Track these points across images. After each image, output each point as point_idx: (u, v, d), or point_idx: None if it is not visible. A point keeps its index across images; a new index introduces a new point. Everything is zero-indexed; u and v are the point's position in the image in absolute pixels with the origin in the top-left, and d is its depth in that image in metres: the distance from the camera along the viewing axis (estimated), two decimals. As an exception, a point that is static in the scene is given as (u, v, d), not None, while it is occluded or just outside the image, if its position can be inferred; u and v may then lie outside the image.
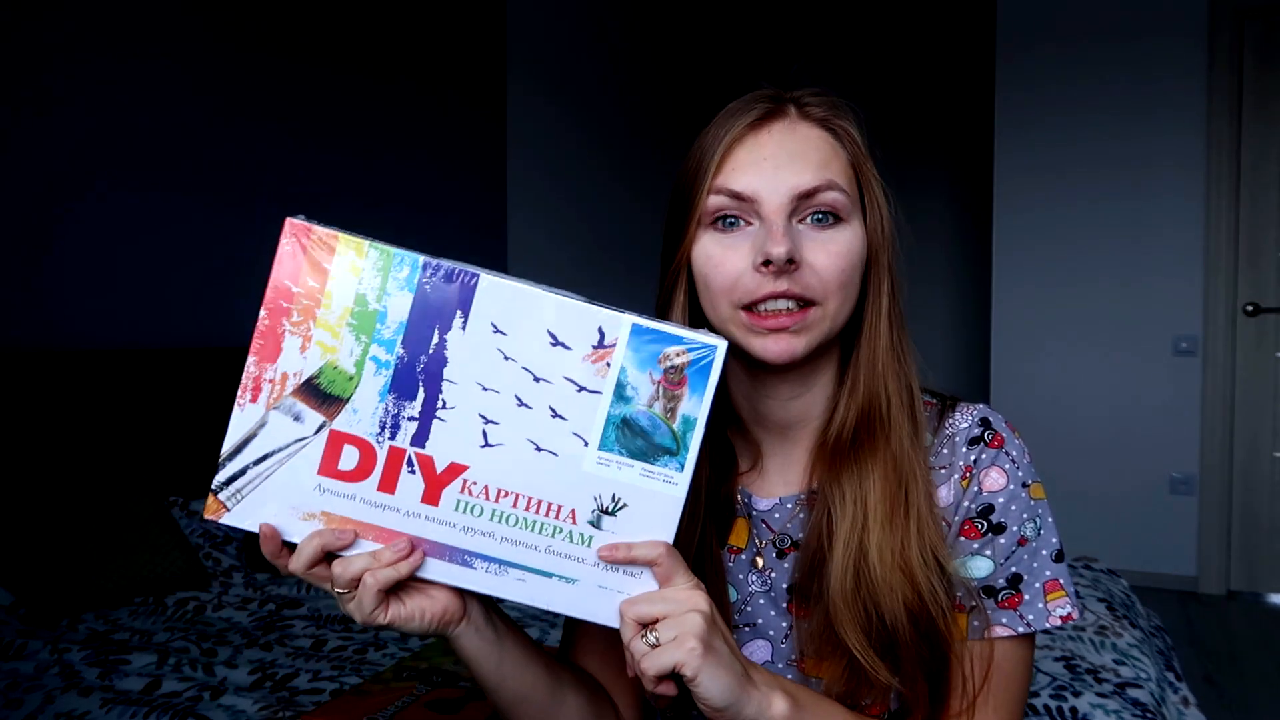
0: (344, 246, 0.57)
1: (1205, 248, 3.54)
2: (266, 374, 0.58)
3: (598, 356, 0.58)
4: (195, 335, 2.41)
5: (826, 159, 0.68)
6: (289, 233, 0.57)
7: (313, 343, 0.58)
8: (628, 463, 0.59)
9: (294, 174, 2.72)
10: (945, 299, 5.15)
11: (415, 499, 0.59)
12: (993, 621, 0.70)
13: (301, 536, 0.59)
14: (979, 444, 0.73)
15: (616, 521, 0.59)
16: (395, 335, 0.57)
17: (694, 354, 0.58)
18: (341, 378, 0.58)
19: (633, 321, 0.58)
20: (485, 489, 0.59)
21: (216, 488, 0.60)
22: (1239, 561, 3.54)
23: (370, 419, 0.58)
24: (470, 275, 0.57)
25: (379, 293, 0.57)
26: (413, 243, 0.58)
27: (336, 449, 0.58)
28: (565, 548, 0.60)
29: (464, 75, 3.43)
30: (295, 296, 0.57)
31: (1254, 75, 3.49)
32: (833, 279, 0.67)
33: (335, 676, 1.51)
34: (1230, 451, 3.53)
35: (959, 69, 5.05)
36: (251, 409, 0.58)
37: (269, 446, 0.59)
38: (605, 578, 0.60)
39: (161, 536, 1.94)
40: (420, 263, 0.57)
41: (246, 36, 2.56)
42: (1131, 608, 1.91)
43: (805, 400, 0.74)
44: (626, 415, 0.58)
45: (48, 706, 1.38)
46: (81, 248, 2.16)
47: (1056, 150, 3.76)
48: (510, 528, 0.59)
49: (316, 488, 0.59)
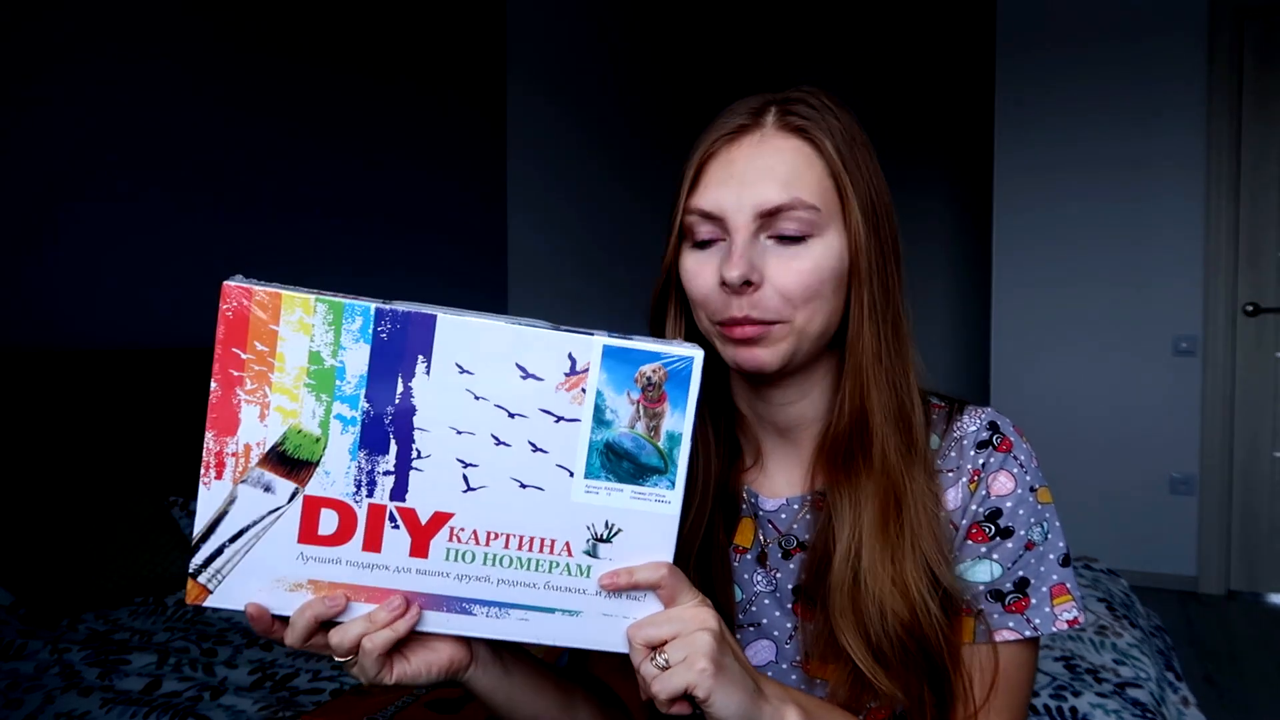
0: (289, 304, 0.55)
1: (1205, 248, 3.54)
2: (228, 448, 0.55)
3: (572, 384, 0.56)
4: (196, 335, 2.41)
5: (797, 172, 0.67)
6: (228, 297, 0.55)
7: (271, 409, 0.55)
8: (616, 488, 0.57)
9: (294, 173, 2.72)
10: (945, 299, 5.15)
11: (403, 554, 0.57)
12: (999, 626, 0.70)
13: (292, 609, 0.57)
14: (987, 448, 0.73)
15: (613, 548, 0.58)
16: (357, 390, 0.55)
17: (671, 367, 0.56)
18: (308, 441, 0.55)
19: (603, 343, 0.55)
20: (474, 534, 0.57)
21: (194, 571, 0.57)
22: (1239, 561, 3.54)
23: (344, 479, 0.56)
24: (427, 318, 0.55)
25: (334, 348, 0.55)
26: (414, 241, 0.56)
27: (314, 514, 0.56)
28: (564, 581, 0.58)
29: (464, 76, 3.42)
30: (245, 363, 0.55)
31: (1254, 75, 3.49)
32: (796, 295, 0.66)
33: (335, 676, 1.51)
34: (1230, 451, 3.53)
35: (959, 69, 5.05)
36: (218, 486, 0.56)
37: (243, 522, 0.56)
38: (608, 605, 0.59)
39: (161, 536, 1.94)
40: (372, 311, 0.55)
41: (246, 36, 2.56)
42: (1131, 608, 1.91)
43: (802, 405, 0.74)
44: (609, 440, 0.56)
45: (48, 706, 1.38)
46: (81, 247, 2.16)
47: (1056, 150, 3.76)
48: (505, 569, 0.58)
49: (299, 557, 0.57)
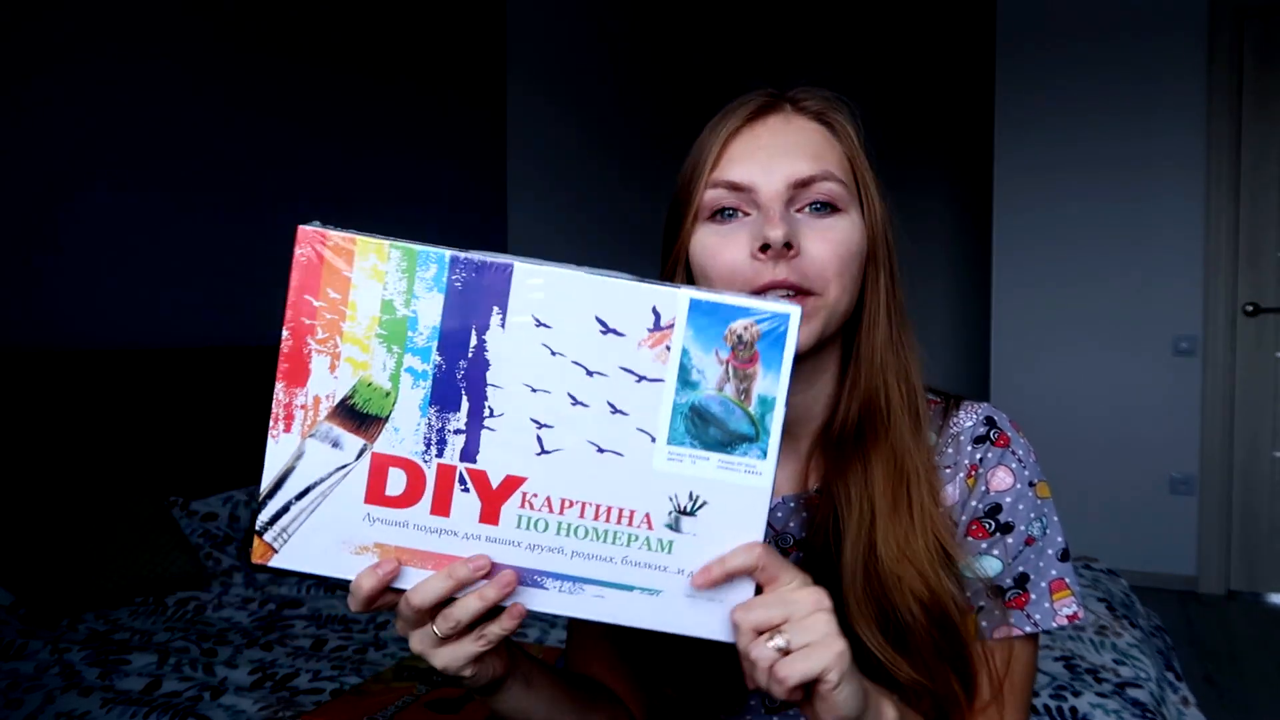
0: (363, 250, 0.52)
1: (1205, 248, 3.54)
2: (297, 400, 0.53)
3: (656, 340, 0.52)
4: (196, 335, 2.41)
5: (822, 150, 0.68)
6: (303, 241, 0.52)
7: (342, 360, 0.53)
8: (703, 455, 0.53)
9: (295, 173, 2.72)
10: (945, 299, 5.15)
11: (473, 520, 0.54)
12: (999, 622, 0.70)
13: (356, 573, 0.54)
14: (985, 443, 0.73)
15: (697, 522, 0.54)
16: (430, 342, 0.52)
17: (764, 325, 0.52)
18: (378, 395, 0.53)
19: (690, 296, 0.52)
20: (548, 500, 0.54)
21: (260, 528, 0.54)
22: (1239, 561, 3.54)
23: (414, 437, 0.53)
24: (503, 266, 0.52)
25: (406, 296, 0.52)
26: (415, 237, 0.55)
27: (382, 474, 0.53)
28: (643, 556, 0.54)
29: (464, 75, 3.43)
30: (318, 311, 0.52)
31: (1254, 75, 3.49)
32: (831, 266, 0.66)
33: (335, 676, 1.51)
34: (1230, 451, 3.53)
35: (959, 69, 5.05)
36: (285, 440, 0.53)
37: (310, 478, 0.54)
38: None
39: (161, 536, 1.94)
40: (447, 258, 0.52)
41: (246, 36, 2.56)
42: (1131, 608, 1.91)
43: (808, 398, 0.73)
44: (695, 403, 0.52)
45: (48, 706, 1.38)
46: (82, 247, 2.16)
47: (1056, 150, 3.76)
48: (580, 540, 0.54)
49: (366, 518, 0.54)
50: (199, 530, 2.10)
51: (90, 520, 1.87)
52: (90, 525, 1.86)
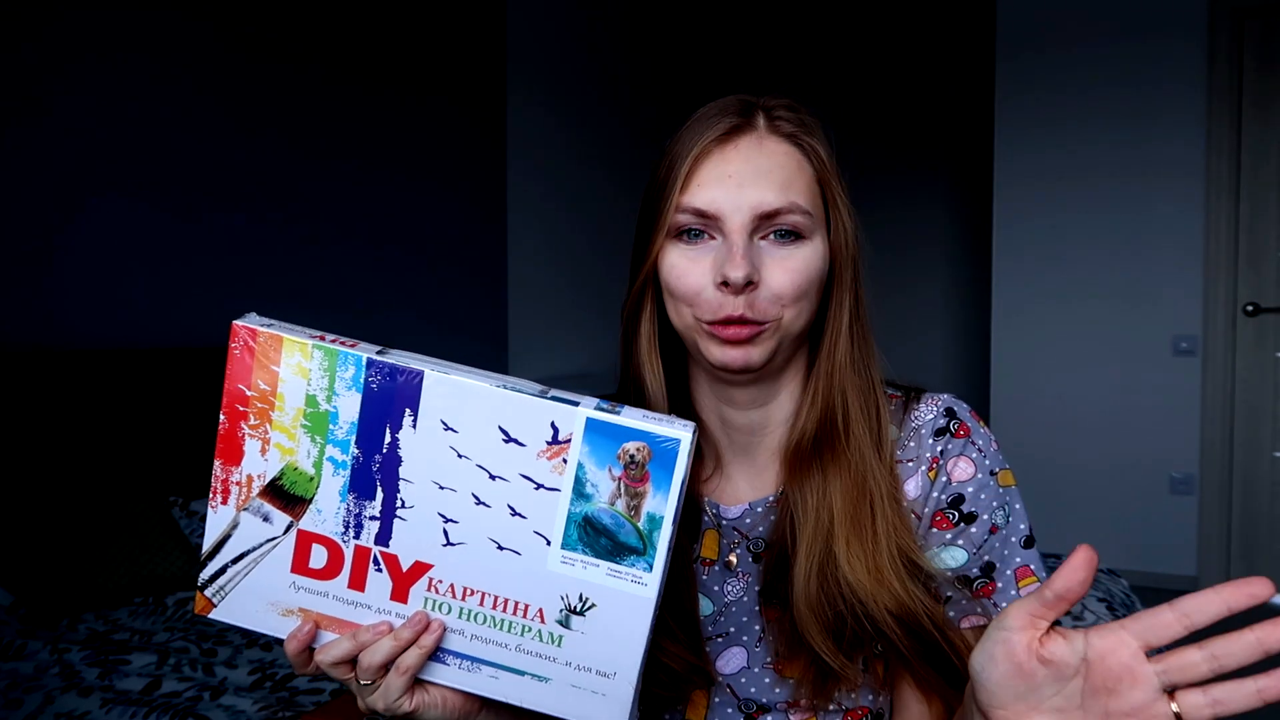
0: (289, 348, 0.56)
1: (1205, 248, 3.54)
2: (233, 476, 0.58)
3: (553, 453, 0.55)
4: (195, 335, 2.41)
5: (791, 177, 0.68)
6: (236, 336, 0.57)
7: (271, 444, 0.57)
8: (593, 562, 0.56)
9: (296, 181, 2.72)
10: (946, 299, 5.15)
11: (385, 596, 0.58)
12: (967, 612, 0.71)
13: (285, 632, 0.60)
14: (945, 434, 0.73)
15: (586, 621, 0.57)
16: (348, 435, 0.57)
17: (656, 447, 0.54)
18: (303, 478, 0.58)
19: (587, 415, 0.54)
20: (451, 587, 0.58)
21: (202, 584, 0.60)
22: (1239, 561, 3.54)
23: (334, 518, 0.58)
24: (414, 374, 0.55)
25: (328, 393, 0.56)
26: (411, 251, 0.56)
27: (306, 548, 0.58)
28: (535, 646, 0.58)
29: (464, 88, 3.44)
30: (249, 400, 0.57)
31: (1254, 75, 3.49)
32: (789, 295, 0.67)
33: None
34: (1230, 451, 3.53)
35: (958, 74, 5.05)
36: (224, 510, 0.59)
37: (243, 546, 0.59)
38: (578, 677, 0.58)
39: (161, 536, 1.94)
40: (364, 361, 0.56)
41: (255, 50, 2.56)
42: (1132, 608, 1.91)
43: (769, 408, 0.75)
44: (588, 513, 0.55)
45: (48, 707, 1.38)
46: (84, 248, 2.16)
47: (1056, 151, 3.76)
48: (479, 625, 0.58)
49: (291, 585, 0.59)
50: (199, 530, 2.10)
51: (90, 520, 1.87)
52: (90, 525, 1.86)
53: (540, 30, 3.85)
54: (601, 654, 0.58)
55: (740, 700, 0.73)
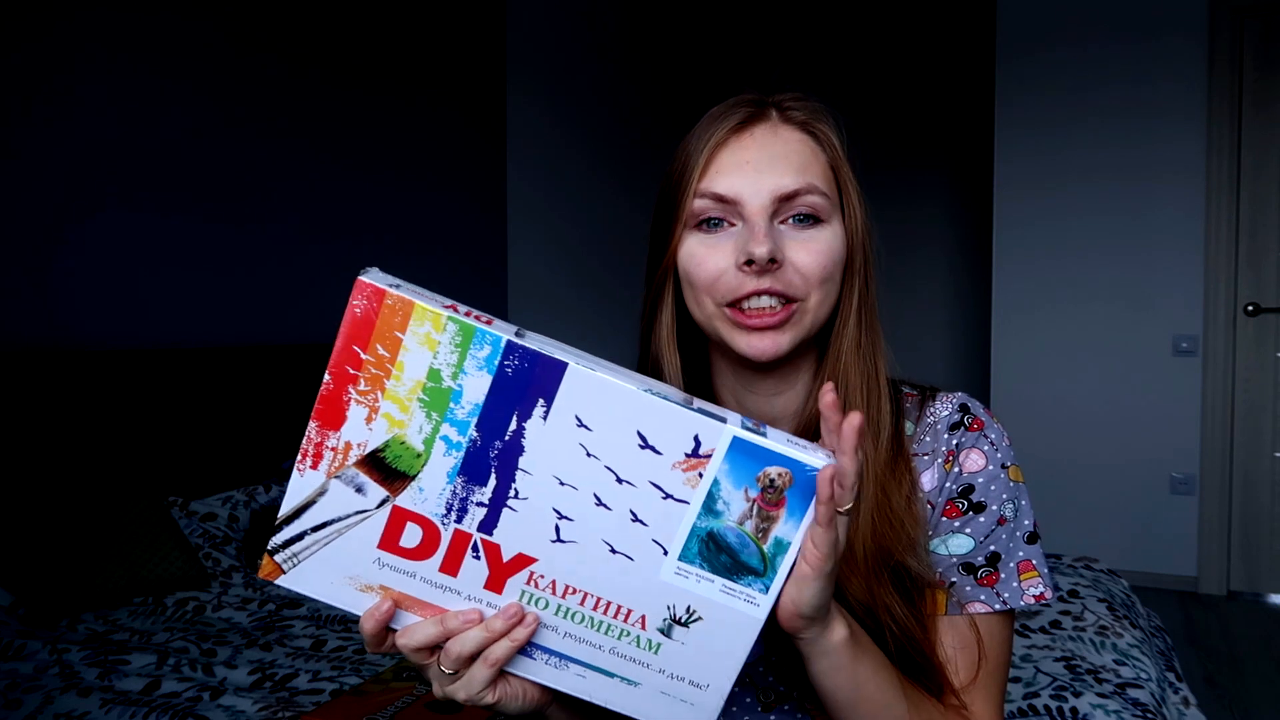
0: (420, 316, 0.52)
1: (1206, 247, 3.54)
2: (329, 441, 0.54)
3: (690, 465, 0.53)
4: (195, 335, 2.41)
5: (806, 162, 0.70)
6: (359, 294, 0.52)
7: (380, 414, 0.53)
8: (708, 577, 0.55)
9: (296, 182, 2.72)
10: (946, 300, 5.15)
11: (478, 585, 0.56)
12: (970, 599, 0.72)
13: (360, 608, 0.57)
14: (959, 428, 0.75)
15: (688, 633, 0.56)
16: (470, 417, 0.53)
17: (798, 475, 0.53)
18: (409, 454, 0.54)
19: (734, 434, 0.52)
20: (553, 584, 0.56)
21: (273, 549, 0.57)
22: (1239, 561, 3.54)
23: (436, 499, 0.55)
24: (558, 365, 0.52)
25: (455, 370, 0.52)
26: (411, 251, 0.55)
27: (399, 525, 0.55)
28: (631, 651, 0.57)
29: (464, 91, 3.44)
30: (364, 364, 0.53)
31: (1254, 75, 3.49)
32: (814, 275, 0.68)
33: (335, 677, 1.51)
34: (1230, 451, 3.53)
35: (959, 74, 5.05)
36: (312, 475, 0.55)
37: (329, 515, 0.56)
38: (669, 685, 0.58)
39: (161, 536, 1.94)
40: (504, 343, 0.52)
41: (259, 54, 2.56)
42: (1132, 608, 1.91)
43: (788, 396, 0.76)
44: (713, 529, 0.54)
45: (47, 707, 1.38)
46: (87, 249, 2.16)
47: (1057, 151, 3.76)
48: (575, 624, 0.57)
49: (376, 561, 0.56)
50: (198, 530, 2.10)
51: (90, 520, 1.87)
52: (90, 525, 1.86)
53: (540, 30, 3.85)
54: (698, 665, 0.57)
55: (759, 689, 0.74)
